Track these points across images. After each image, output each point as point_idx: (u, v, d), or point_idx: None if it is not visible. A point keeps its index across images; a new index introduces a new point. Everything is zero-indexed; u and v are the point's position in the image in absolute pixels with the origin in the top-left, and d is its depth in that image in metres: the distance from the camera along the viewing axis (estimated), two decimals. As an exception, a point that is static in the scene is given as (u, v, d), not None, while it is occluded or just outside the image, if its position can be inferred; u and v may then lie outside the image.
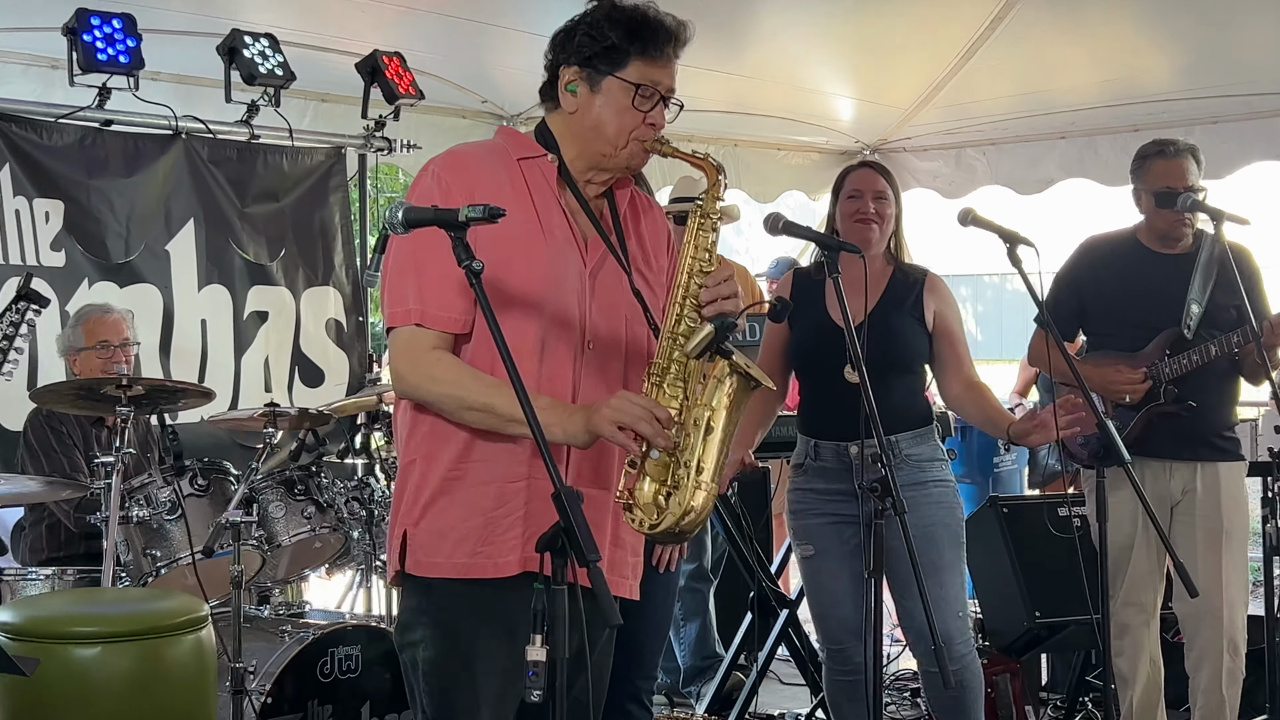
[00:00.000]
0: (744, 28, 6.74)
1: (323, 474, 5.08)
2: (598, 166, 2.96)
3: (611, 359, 2.94)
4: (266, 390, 6.11)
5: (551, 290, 2.86)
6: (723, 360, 2.76)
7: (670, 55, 2.91)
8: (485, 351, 2.83)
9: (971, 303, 26.58)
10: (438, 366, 2.82)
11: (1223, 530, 4.62)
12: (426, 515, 2.88)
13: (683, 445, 2.75)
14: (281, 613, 4.98)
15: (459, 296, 2.81)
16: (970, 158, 8.62)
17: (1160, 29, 6.87)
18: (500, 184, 2.88)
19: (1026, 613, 5.15)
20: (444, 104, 6.77)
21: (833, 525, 4.33)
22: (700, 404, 2.77)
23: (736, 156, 8.47)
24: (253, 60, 5.59)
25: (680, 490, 2.74)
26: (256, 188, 6.22)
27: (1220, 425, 4.74)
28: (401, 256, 2.88)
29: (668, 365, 2.81)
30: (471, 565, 2.85)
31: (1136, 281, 4.75)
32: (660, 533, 2.78)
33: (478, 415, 2.79)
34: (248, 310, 6.17)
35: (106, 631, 3.78)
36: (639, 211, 3.11)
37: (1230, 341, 4.55)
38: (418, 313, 2.82)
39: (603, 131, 2.91)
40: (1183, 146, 4.71)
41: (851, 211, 4.41)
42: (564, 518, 2.44)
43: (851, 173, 4.54)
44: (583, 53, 2.89)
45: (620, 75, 2.87)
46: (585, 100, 2.91)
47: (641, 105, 2.87)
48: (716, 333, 2.72)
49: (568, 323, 2.88)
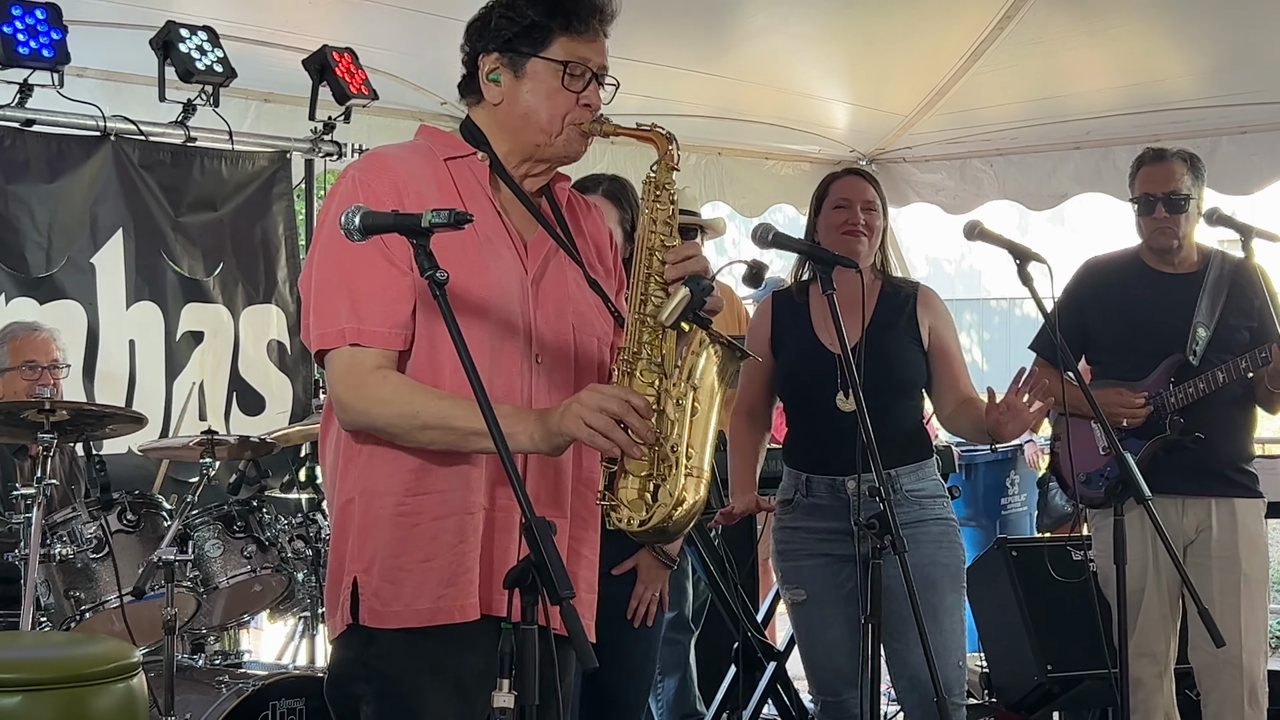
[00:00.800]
0: (730, 25, 6.82)
1: (264, 509, 5.09)
2: (534, 158, 2.97)
3: (561, 371, 2.95)
4: (201, 418, 6.10)
5: (493, 301, 2.86)
6: (700, 331, 2.76)
7: (597, 29, 2.92)
8: (425, 366, 2.83)
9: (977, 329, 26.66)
10: (384, 387, 2.80)
11: (1241, 573, 4.68)
12: (379, 558, 2.85)
13: (665, 431, 2.74)
14: (218, 662, 4.99)
15: (397, 309, 2.81)
16: (976, 169, 8.69)
17: (1184, 30, 6.96)
18: (426, 185, 2.87)
19: (1037, 666, 5.18)
20: (399, 105, 6.81)
21: (826, 567, 4.37)
22: (680, 382, 2.76)
23: (721, 166, 8.53)
24: (189, 55, 5.60)
25: (670, 480, 2.74)
26: (192, 195, 6.21)
27: (1236, 458, 4.80)
28: (327, 270, 2.86)
29: (638, 350, 2.81)
30: (436, 611, 2.82)
31: (1139, 304, 4.82)
32: (650, 529, 2.76)
33: (435, 434, 2.77)
34: (181, 330, 6.16)
35: (27, 679, 3.75)
36: (579, 213, 3.13)
37: (1239, 367, 4.61)
38: (353, 331, 2.80)
39: (534, 119, 2.92)
40: (1173, 152, 4.79)
41: (839, 222, 4.44)
42: (535, 551, 2.45)
43: (837, 180, 4.56)
44: (501, 36, 2.90)
45: (545, 55, 2.88)
46: (510, 88, 2.92)
47: (572, 85, 2.89)
48: (692, 296, 2.71)
49: (513, 335, 2.88)
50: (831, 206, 4.48)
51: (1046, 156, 8.45)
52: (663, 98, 7.49)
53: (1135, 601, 4.63)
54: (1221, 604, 4.59)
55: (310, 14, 6.10)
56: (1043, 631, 5.23)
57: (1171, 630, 4.76)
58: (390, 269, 2.80)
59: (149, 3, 5.76)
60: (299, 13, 6.10)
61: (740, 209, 8.81)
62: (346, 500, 2.91)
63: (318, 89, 6.07)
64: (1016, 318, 23.79)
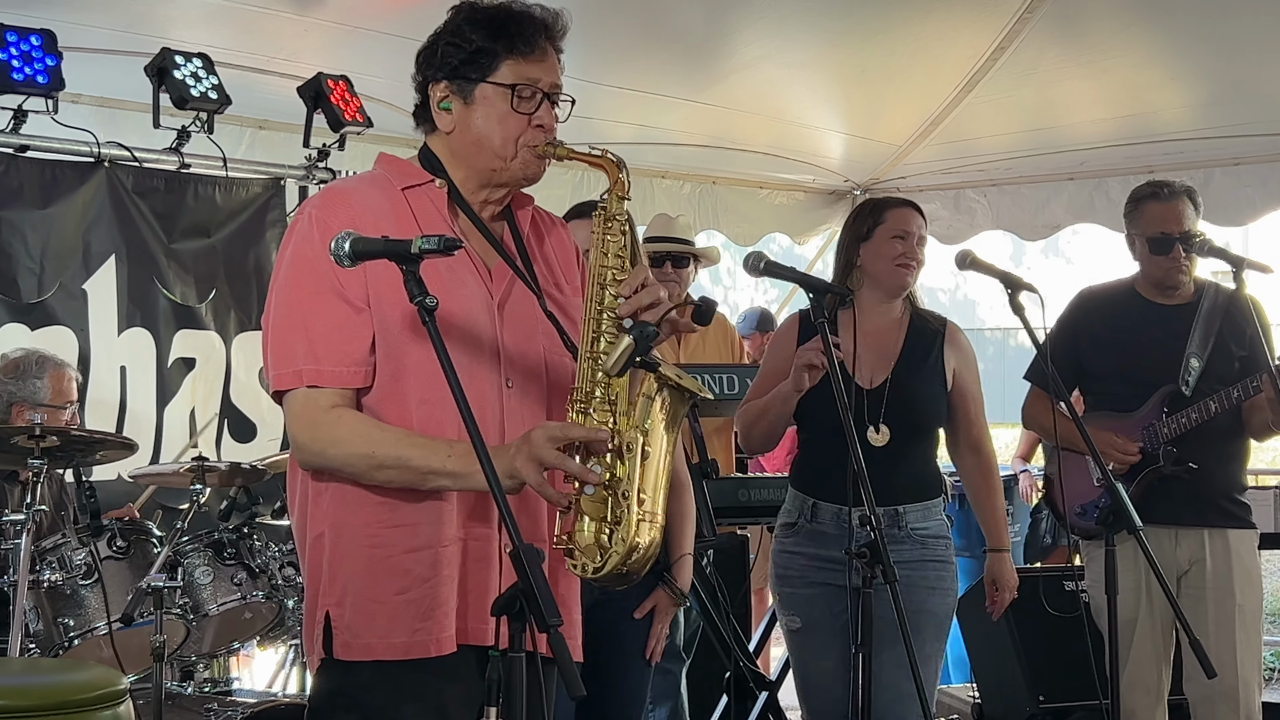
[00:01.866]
0: (724, 55, 6.84)
1: (255, 536, 5.09)
2: (491, 184, 2.97)
3: (534, 395, 2.94)
4: (192, 444, 6.10)
5: (461, 327, 2.85)
6: (649, 374, 2.76)
7: (545, 47, 2.91)
8: (390, 400, 2.83)
9: (972, 360, 26.74)
10: (339, 427, 2.80)
11: (1235, 604, 4.68)
12: (350, 591, 2.85)
13: (619, 475, 2.74)
14: (207, 690, 4.99)
15: (353, 347, 2.81)
16: (970, 199, 8.72)
17: (1178, 61, 6.99)
18: (383, 216, 2.87)
19: (1029, 696, 5.20)
20: (394, 132, 6.79)
21: (823, 595, 4.36)
22: (631, 427, 2.76)
23: (715, 195, 8.56)
24: (184, 82, 5.62)
25: (623, 525, 2.73)
26: (186, 222, 6.22)
27: (1229, 488, 4.81)
28: (283, 310, 2.86)
29: (591, 389, 2.80)
30: (412, 645, 2.82)
31: (1133, 335, 4.84)
32: (606, 575, 2.75)
33: (392, 473, 2.78)
34: (173, 356, 6.16)
35: (15, 705, 3.74)
36: (543, 231, 3.13)
37: (1231, 397, 4.64)
38: (311, 373, 2.80)
39: (487, 145, 2.92)
40: (1179, 188, 4.82)
41: (896, 254, 4.43)
42: (523, 578, 2.45)
43: (894, 209, 4.51)
44: (449, 64, 2.90)
45: (492, 80, 2.88)
46: (461, 115, 2.92)
47: (522, 108, 2.89)
48: (636, 344, 2.70)
49: (482, 361, 2.87)
50: (890, 236, 4.44)
51: (1040, 187, 8.49)
52: (657, 126, 7.52)
53: (1128, 632, 4.63)
54: (1216, 635, 4.60)
55: (305, 41, 6.12)
56: (1035, 661, 5.25)
57: (1165, 661, 4.76)
58: (345, 307, 2.81)
59: (144, 29, 5.77)
60: (294, 40, 6.11)
61: (734, 238, 8.83)
62: (317, 535, 2.91)
63: (312, 116, 6.08)
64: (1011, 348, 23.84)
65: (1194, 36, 6.69)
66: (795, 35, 6.71)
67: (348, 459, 2.80)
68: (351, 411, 2.82)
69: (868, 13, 6.48)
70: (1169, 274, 4.81)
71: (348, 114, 6.03)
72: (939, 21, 6.61)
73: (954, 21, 6.60)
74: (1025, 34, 6.55)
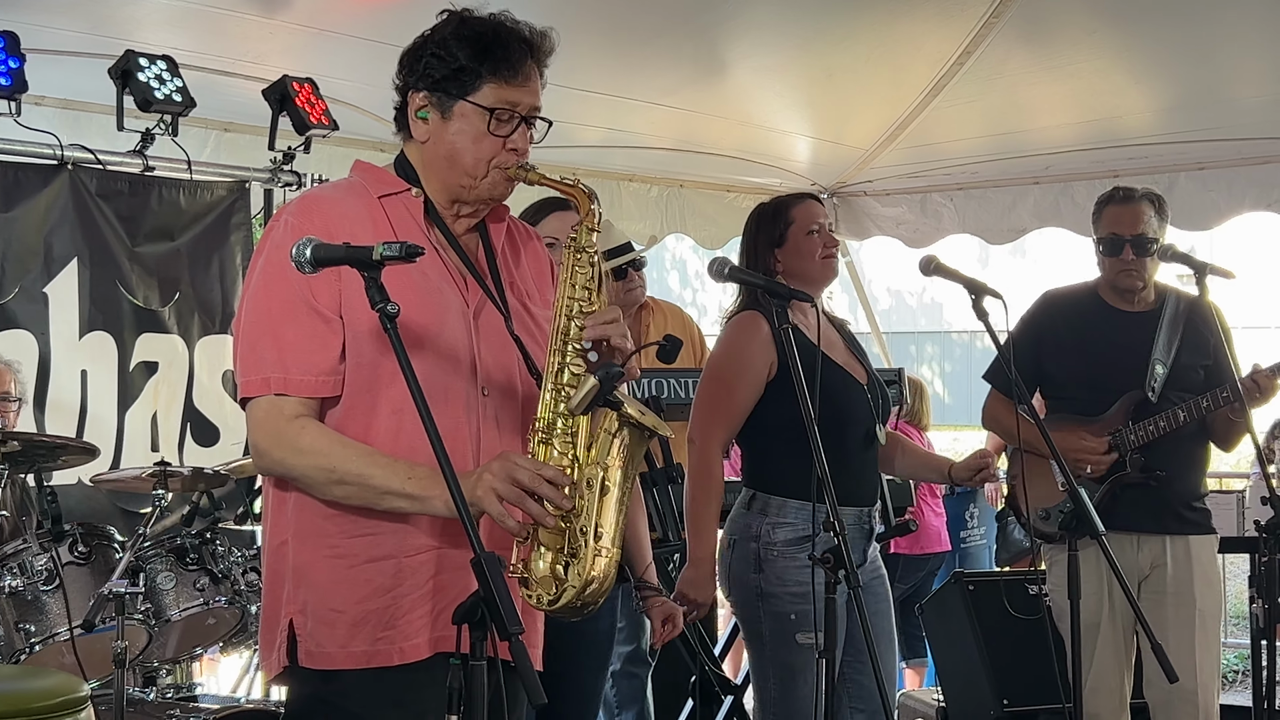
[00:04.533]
0: (691, 59, 6.84)
1: (218, 541, 5.07)
2: (459, 199, 2.97)
3: (509, 404, 2.95)
4: (154, 449, 6.07)
5: (436, 336, 2.85)
6: (612, 412, 2.77)
7: (529, 72, 2.91)
8: (362, 410, 2.83)
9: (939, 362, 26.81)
10: (303, 436, 2.79)
11: (1195, 608, 4.71)
12: (312, 600, 2.85)
13: (578, 509, 2.75)
14: (169, 695, 4.96)
15: (323, 356, 2.81)
16: (936, 203, 8.76)
17: (1143, 66, 7.02)
18: (359, 224, 2.86)
19: (994, 700, 5.21)
20: (360, 135, 6.81)
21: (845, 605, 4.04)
22: (592, 462, 2.78)
23: (682, 198, 8.57)
24: (148, 84, 5.59)
25: (579, 559, 2.75)
26: (149, 225, 6.18)
27: (1189, 495, 4.85)
28: (255, 317, 2.86)
29: (553, 420, 2.81)
30: (374, 654, 2.83)
31: (1096, 340, 4.86)
32: (561, 608, 2.77)
33: (350, 490, 2.78)
34: (135, 360, 6.11)
35: (-27, 713, 3.75)
36: (518, 243, 3.12)
37: (1200, 406, 4.66)
38: (279, 381, 2.80)
39: (458, 162, 2.92)
40: (1141, 193, 4.84)
41: (816, 248, 4.39)
42: (484, 586, 2.46)
43: (798, 205, 4.47)
44: (431, 76, 2.90)
45: (472, 100, 2.88)
46: (437, 128, 2.92)
47: (499, 130, 2.89)
48: (601, 385, 2.72)
49: (458, 370, 2.88)
50: (805, 232, 4.40)
51: (1006, 191, 8.53)
52: (625, 130, 7.53)
53: (1090, 636, 4.65)
54: (1176, 639, 4.62)
55: (270, 44, 6.10)
56: (999, 665, 5.26)
57: (1126, 665, 4.79)
58: (315, 317, 2.81)
59: (108, 31, 5.74)
60: (259, 43, 6.09)
61: (701, 241, 8.85)
62: (280, 542, 2.91)
63: (277, 119, 6.06)
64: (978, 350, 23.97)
65: (1159, 42, 6.72)
66: (762, 40, 6.72)
67: (307, 470, 2.80)
68: (315, 423, 2.82)
69: (835, 17, 6.49)
70: (1119, 276, 4.82)
71: (313, 117, 6.00)
72: (905, 26, 6.62)
73: (920, 26, 6.61)
74: (991, 39, 6.57)
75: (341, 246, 2.64)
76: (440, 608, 2.82)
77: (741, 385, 4.32)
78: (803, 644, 4.18)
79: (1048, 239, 9.58)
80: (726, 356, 4.42)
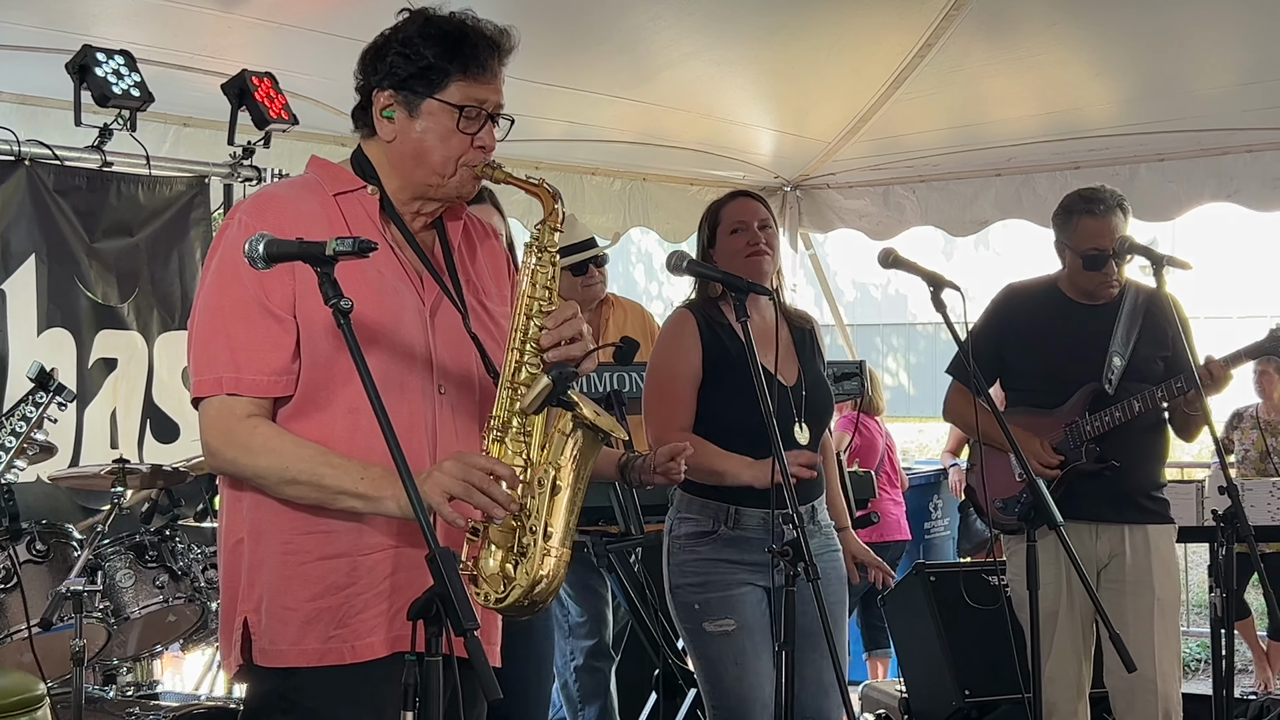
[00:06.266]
0: (652, 51, 6.84)
1: (177, 538, 5.06)
2: (424, 197, 2.96)
3: (466, 402, 2.95)
4: (113, 446, 6.03)
5: (391, 333, 2.85)
6: (566, 414, 2.78)
7: (495, 69, 2.91)
8: (319, 407, 2.82)
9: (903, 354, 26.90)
10: (254, 436, 2.79)
11: (1154, 597, 4.74)
12: (266, 598, 2.85)
13: (528, 508, 2.76)
14: (129, 693, 4.95)
15: (275, 356, 2.80)
16: (899, 196, 8.79)
17: (1103, 58, 7.05)
18: (314, 222, 2.85)
19: (955, 690, 5.23)
20: (320, 130, 6.78)
21: (753, 595, 4.29)
22: (545, 462, 2.79)
23: (645, 192, 8.58)
24: (106, 79, 5.55)
25: (528, 558, 2.76)
26: (108, 221, 6.15)
27: (1148, 485, 4.87)
28: (207, 317, 2.86)
29: (508, 419, 2.82)
30: (326, 651, 2.83)
31: (1057, 334, 4.88)
32: (509, 606, 2.78)
33: (303, 489, 2.77)
34: (94, 357, 6.08)
35: (-72, 713, 3.73)
36: (475, 241, 3.12)
37: (1155, 397, 4.68)
38: (231, 381, 2.80)
39: (427, 160, 2.91)
40: (1111, 202, 4.83)
41: (740, 247, 4.35)
42: (439, 581, 2.45)
43: (727, 205, 4.46)
44: (397, 75, 2.89)
45: (440, 98, 2.87)
46: (404, 126, 2.91)
47: (467, 128, 2.89)
48: (554, 385, 2.73)
49: (414, 367, 2.88)
50: (728, 232, 4.39)
51: (968, 183, 8.56)
52: (587, 124, 7.52)
53: (1050, 626, 4.67)
54: (1135, 628, 4.64)
55: (229, 38, 6.07)
56: (960, 656, 5.29)
57: (1085, 655, 4.81)
58: (267, 316, 2.80)
59: (65, 26, 5.70)
60: (218, 37, 6.06)
61: (664, 235, 8.86)
62: (236, 540, 2.91)
63: (237, 113, 6.02)
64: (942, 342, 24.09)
65: (1119, 33, 6.75)
66: (723, 32, 6.72)
67: (259, 470, 2.79)
68: (267, 422, 2.82)
69: (795, 10, 6.50)
70: (1099, 288, 4.85)
71: (273, 111, 5.97)
72: (865, 18, 6.64)
73: (881, 18, 6.63)
74: (951, 31, 6.59)
75: (294, 242, 2.62)
76: (398, 607, 2.81)
77: (679, 381, 4.33)
78: (713, 632, 4.26)
79: (1011, 230, 9.62)
80: (659, 355, 4.44)
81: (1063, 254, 4.93)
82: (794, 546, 3.58)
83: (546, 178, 2.98)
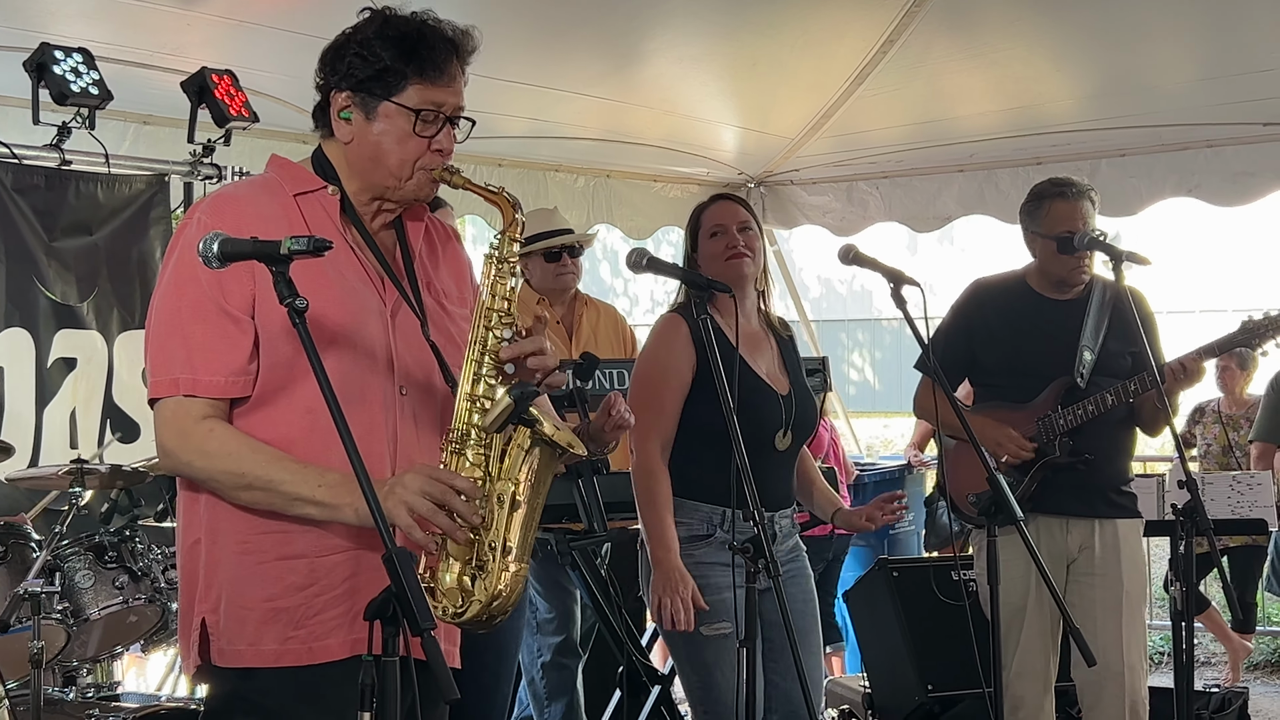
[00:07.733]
0: (615, 48, 6.84)
1: (137, 539, 5.04)
2: (383, 198, 2.95)
3: (427, 403, 2.94)
4: (73, 446, 5.99)
5: (353, 334, 2.84)
6: (525, 430, 2.76)
7: (454, 72, 2.89)
8: (278, 408, 2.80)
9: (869, 349, 26.94)
10: (210, 439, 2.77)
11: (1123, 591, 4.76)
12: (223, 598, 2.83)
13: (487, 522, 2.75)
14: (90, 695, 4.90)
15: (232, 357, 2.78)
16: (862, 192, 8.81)
17: (1065, 54, 7.08)
18: (273, 223, 2.83)
19: (918, 686, 5.24)
20: (281, 128, 6.75)
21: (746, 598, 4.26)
22: (503, 477, 2.78)
23: (609, 188, 8.56)
24: (64, 77, 5.52)
25: (487, 573, 2.75)
26: (67, 219, 6.10)
27: (1117, 479, 4.89)
28: (163, 317, 2.83)
29: (467, 431, 2.80)
30: (283, 652, 2.81)
31: (1027, 328, 4.89)
32: (467, 620, 2.77)
33: (258, 495, 2.75)
34: (53, 357, 6.03)
35: (-117, 717, 3.70)
36: (436, 243, 3.11)
37: (1128, 390, 4.70)
38: (187, 382, 2.77)
39: (383, 162, 2.90)
40: (1082, 187, 4.86)
41: (719, 250, 4.34)
42: (395, 581, 2.44)
43: (708, 209, 4.46)
44: (354, 76, 2.87)
45: (397, 100, 2.86)
46: (361, 128, 2.89)
47: (424, 131, 2.87)
48: (515, 405, 2.71)
49: (375, 368, 2.86)
50: (708, 235, 4.38)
51: (931, 179, 8.59)
52: (551, 120, 7.51)
53: (1016, 620, 4.69)
54: (1103, 620, 4.67)
55: (189, 36, 6.04)
56: (923, 651, 5.30)
57: (1053, 649, 4.82)
58: (224, 317, 2.78)
59: (22, 24, 5.66)
60: (177, 35, 6.03)
61: (628, 231, 8.84)
62: (194, 541, 2.89)
63: (196, 111, 6.00)
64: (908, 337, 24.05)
65: (1081, 29, 6.77)
66: (685, 29, 6.72)
67: (214, 473, 2.78)
68: (224, 425, 2.80)
69: (757, 6, 6.50)
70: (1072, 273, 4.86)
71: (233, 109, 5.93)
72: (828, 15, 6.65)
73: (843, 15, 6.64)
74: (914, 27, 6.60)
75: (249, 241, 2.60)
76: (358, 609, 2.77)
77: (667, 388, 4.30)
78: (710, 636, 4.21)
79: (974, 226, 9.64)
80: (649, 360, 4.41)
81: (1033, 244, 4.93)
82: (755, 544, 3.57)
83: (510, 174, 2.99)
